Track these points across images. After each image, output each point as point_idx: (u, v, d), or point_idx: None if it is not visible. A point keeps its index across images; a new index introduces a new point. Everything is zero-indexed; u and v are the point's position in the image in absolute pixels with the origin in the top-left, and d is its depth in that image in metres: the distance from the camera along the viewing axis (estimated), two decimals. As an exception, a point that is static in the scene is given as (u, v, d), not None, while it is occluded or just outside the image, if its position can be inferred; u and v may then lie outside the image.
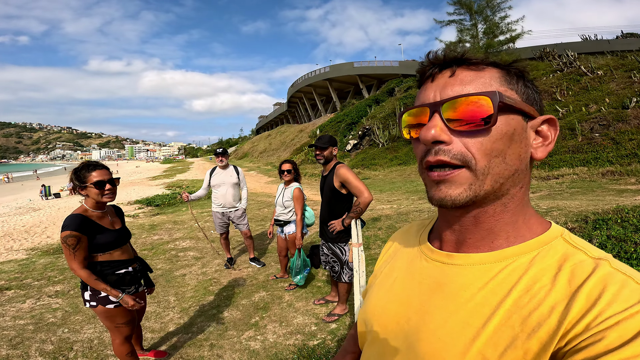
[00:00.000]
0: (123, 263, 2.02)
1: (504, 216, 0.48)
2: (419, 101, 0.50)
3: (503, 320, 0.42)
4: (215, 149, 4.21)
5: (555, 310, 0.39)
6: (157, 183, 19.13)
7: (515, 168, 0.47)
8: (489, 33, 14.66)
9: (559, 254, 0.44)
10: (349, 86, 39.35)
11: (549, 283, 0.42)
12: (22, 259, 5.39)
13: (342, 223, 2.67)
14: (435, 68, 0.50)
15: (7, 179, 35.10)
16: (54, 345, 2.67)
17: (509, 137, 0.46)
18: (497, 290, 0.44)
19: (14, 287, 4.06)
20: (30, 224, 8.56)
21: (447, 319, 0.46)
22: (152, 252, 5.27)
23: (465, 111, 0.45)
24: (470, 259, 0.49)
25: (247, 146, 47.51)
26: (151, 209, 9.80)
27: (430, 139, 0.45)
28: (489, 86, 0.46)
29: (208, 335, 2.77)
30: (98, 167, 1.93)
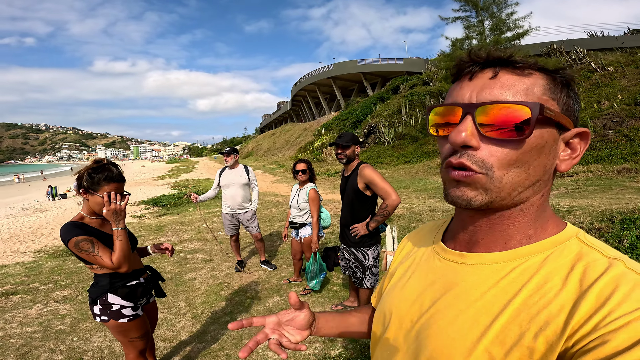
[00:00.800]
0: (134, 274, 1.88)
1: (520, 220, 0.48)
2: (452, 98, 0.49)
3: (511, 318, 0.42)
4: (224, 147, 4.07)
5: (563, 310, 0.39)
6: (162, 183, 19.10)
7: (538, 178, 0.46)
8: (496, 29, 14.47)
9: (573, 253, 0.44)
10: (353, 84, 39.27)
11: (560, 282, 0.41)
12: (29, 261, 5.32)
13: (367, 227, 2.53)
14: (476, 66, 0.47)
15: (18, 179, 35.51)
16: (63, 355, 2.58)
17: (538, 149, 0.45)
18: (508, 289, 0.44)
19: (21, 291, 3.99)
20: (37, 225, 8.54)
21: (456, 317, 0.46)
22: (160, 254, 5.17)
23: (500, 118, 0.43)
24: (483, 258, 0.49)
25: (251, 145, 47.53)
26: (157, 209, 9.73)
27: (460, 142, 0.44)
28: (531, 94, 0.44)
29: (223, 345, 2.65)
30: (116, 179, 1.73)
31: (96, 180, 1.69)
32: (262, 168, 25.16)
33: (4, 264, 5.29)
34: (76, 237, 1.63)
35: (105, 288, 1.77)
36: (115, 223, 1.69)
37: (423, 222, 5.71)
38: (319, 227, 3.37)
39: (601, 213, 4.04)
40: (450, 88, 0.51)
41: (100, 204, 1.69)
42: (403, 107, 19.39)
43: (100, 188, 1.69)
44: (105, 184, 1.69)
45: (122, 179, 1.78)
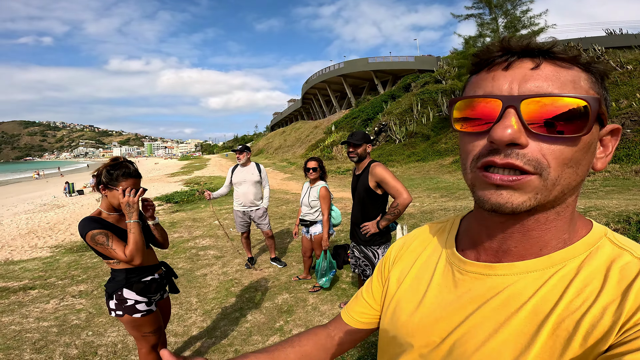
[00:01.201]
0: (149, 269, 1.93)
1: (556, 224, 0.45)
2: (483, 90, 0.43)
3: (556, 324, 0.41)
4: (235, 145, 4.12)
5: (607, 311, 0.39)
6: (175, 180, 19.40)
7: (582, 178, 0.44)
8: (511, 27, 14.18)
9: (606, 255, 0.43)
10: (363, 82, 39.13)
11: (599, 285, 0.41)
12: (46, 256, 5.48)
13: (377, 225, 2.53)
14: (512, 55, 0.43)
15: (38, 175, 36.61)
16: (78, 350, 2.64)
17: (588, 147, 0.42)
18: (549, 297, 0.43)
19: (38, 286, 4.11)
20: (55, 221, 8.76)
21: (497, 330, 0.44)
22: (172, 250, 5.27)
23: (551, 112, 0.39)
24: (516, 268, 0.46)
25: (262, 143, 47.82)
26: (170, 205, 9.88)
27: (507, 139, 0.39)
28: (579, 87, 0.41)
29: (232, 341, 2.69)
30: (133, 175, 1.79)
31: (114, 176, 1.75)
32: (272, 166, 25.30)
33: (22, 258, 5.46)
34: (92, 231, 1.68)
35: (121, 283, 1.82)
36: (129, 216, 1.74)
37: (434, 221, 5.67)
38: (330, 225, 3.38)
39: (617, 214, 3.95)
40: (475, 78, 0.46)
41: (116, 200, 1.75)
42: (414, 105, 19.21)
43: (118, 184, 1.75)
44: (123, 180, 1.76)
45: (138, 175, 1.84)
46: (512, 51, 0.43)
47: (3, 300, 3.73)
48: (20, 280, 4.35)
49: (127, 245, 1.72)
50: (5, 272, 4.74)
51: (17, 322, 3.16)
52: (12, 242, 6.64)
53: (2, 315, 3.31)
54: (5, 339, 2.83)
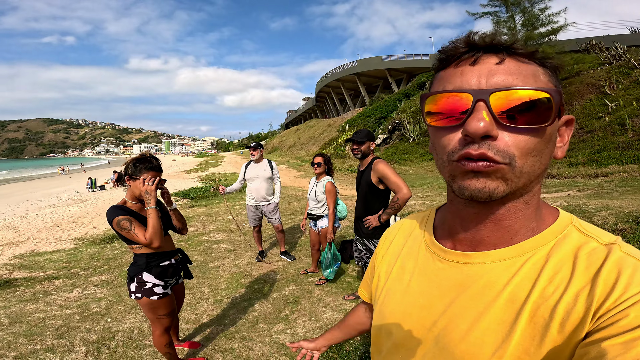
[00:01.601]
0: (166, 255, 2.11)
1: (525, 212, 0.47)
2: (453, 85, 0.45)
3: (532, 311, 0.42)
4: (250, 142, 4.30)
5: (579, 298, 0.40)
6: (191, 176, 19.87)
7: (545, 167, 0.46)
8: (528, 25, 13.86)
9: (573, 242, 0.45)
10: (377, 80, 38.88)
11: (569, 272, 0.43)
12: (70, 248, 5.79)
13: (379, 219, 2.64)
14: (478, 51, 0.45)
15: (62, 171, 38.11)
16: (97, 335, 2.81)
17: (549, 137, 0.44)
18: (523, 285, 0.44)
19: (62, 276, 4.36)
20: (78, 215, 9.13)
21: (478, 319, 0.46)
22: (187, 243, 5.49)
23: (516, 105, 0.41)
24: (490, 256, 0.48)
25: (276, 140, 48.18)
26: (187, 201, 10.18)
27: (482, 132, 0.41)
28: (539, 81, 0.44)
29: (240, 328, 2.84)
30: (155, 169, 2.02)
31: (138, 168, 1.98)
32: (286, 163, 25.53)
33: (47, 250, 5.77)
34: (118, 217, 1.89)
35: (142, 267, 2.01)
36: (147, 203, 1.95)
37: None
38: (335, 219, 3.52)
39: (628, 214, 3.91)
40: (443, 74, 0.48)
41: (139, 189, 1.98)
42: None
43: (141, 175, 1.97)
44: (145, 172, 1.98)
45: (159, 169, 2.06)
46: (477, 47, 0.45)
47: (29, 289, 3.96)
48: (45, 270, 4.62)
49: (147, 230, 1.91)
50: (30, 263, 5.03)
51: (42, 310, 3.36)
52: (37, 234, 6.98)
53: (27, 303, 3.53)
54: (29, 325, 3.02)
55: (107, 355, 2.52)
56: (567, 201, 5.96)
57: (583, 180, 7.94)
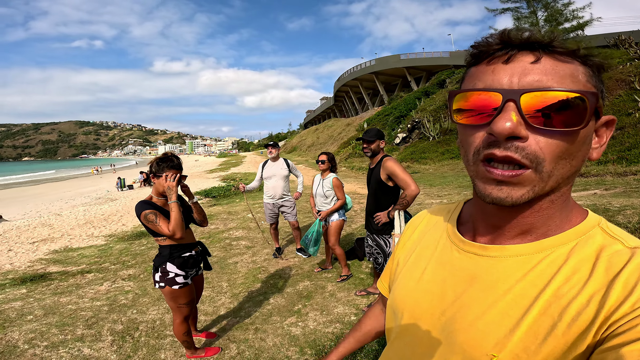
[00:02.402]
0: (187, 246, 2.28)
1: (549, 211, 0.46)
2: (483, 83, 0.44)
3: (542, 310, 0.42)
4: (268, 142, 4.49)
5: (593, 299, 0.39)
6: (213, 176, 20.42)
7: (577, 169, 0.44)
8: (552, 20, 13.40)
9: (597, 244, 0.44)
10: (396, 79, 38.47)
11: (587, 273, 0.41)
12: (101, 244, 6.14)
13: (388, 215, 2.73)
14: (512, 49, 0.43)
15: (97, 171, 40.12)
16: (123, 326, 2.99)
17: (584, 139, 0.42)
18: (537, 282, 0.44)
19: (94, 270, 4.65)
20: (108, 213, 9.60)
21: (485, 311, 0.46)
22: (209, 240, 5.71)
23: (549, 106, 0.39)
24: (507, 250, 0.48)
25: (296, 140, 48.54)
26: (209, 200, 10.52)
27: (507, 132, 0.40)
28: (577, 81, 0.41)
29: (254, 320, 2.98)
30: (175, 167, 2.20)
31: (161, 167, 2.17)
32: (305, 163, 25.72)
33: (80, 246, 6.15)
34: (145, 211, 2.08)
35: (165, 257, 2.18)
36: (169, 197, 2.12)
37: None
38: (342, 211, 3.70)
39: (652, 213, 3.78)
40: (474, 70, 0.46)
41: (162, 186, 2.17)
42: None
43: (163, 172, 2.16)
44: (167, 170, 2.16)
45: (179, 167, 2.24)
46: (511, 44, 0.43)
47: (63, 282, 4.24)
48: (78, 265, 4.93)
49: (170, 222, 2.09)
50: (65, 258, 5.37)
51: (74, 302, 3.59)
52: (71, 231, 7.42)
53: (61, 295, 3.77)
54: (62, 316, 3.21)
55: (130, 344, 2.71)
56: (592, 200, 5.77)
57: (611, 179, 7.63)
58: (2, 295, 3.88)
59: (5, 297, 3.81)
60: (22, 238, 6.90)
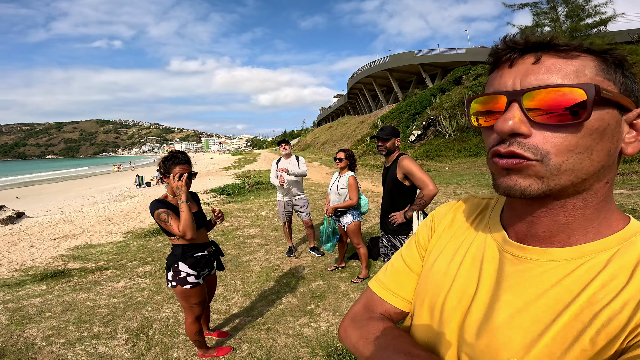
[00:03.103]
0: (200, 246, 2.27)
1: (584, 211, 0.45)
2: (493, 88, 0.47)
3: (574, 315, 0.41)
4: (279, 140, 4.49)
5: (627, 306, 0.39)
6: (228, 173, 20.65)
7: (603, 164, 0.43)
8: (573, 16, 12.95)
9: (638, 251, 0.43)
10: (410, 76, 38.02)
11: (625, 279, 0.41)
12: (120, 241, 6.27)
13: (404, 215, 2.64)
14: (515, 52, 0.45)
15: (118, 168, 41.29)
16: (137, 323, 3.02)
17: (600, 132, 0.42)
18: (572, 288, 0.43)
19: (112, 267, 4.73)
20: (127, 210, 9.81)
21: (514, 314, 0.45)
22: (223, 237, 5.76)
23: (549, 102, 0.41)
24: (547, 254, 0.47)
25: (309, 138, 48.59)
26: (223, 197, 10.63)
27: (507, 130, 0.42)
28: (582, 75, 0.42)
29: (266, 319, 2.97)
30: (182, 162, 2.18)
31: (168, 166, 2.16)
32: (318, 160, 25.71)
33: (99, 242, 6.29)
34: (158, 210, 2.08)
35: (178, 257, 2.18)
36: (178, 197, 2.11)
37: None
38: (358, 213, 3.65)
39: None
40: (490, 78, 0.50)
41: (174, 185, 2.14)
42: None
43: (172, 171, 2.14)
44: (174, 167, 2.15)
45: (187, 162, 2.21)
46: (515, 48, 0.45)
47: (81, 279, 4.31)
48: (97, 261, 5.03)
49: (180, 222, 2.08)
50: (84, 254, 5.51)
51: (92, 299, 3.63)
52: (91, 227, 7.62)
53: (79, 292, 3.83)
54: (79, 313, 3.26)
55: (144, 342, 2.73)
56: (617, 200, 5.52)
57: (637, 178, 7.31)
58: (22, 291, 3.98)
59: (26, 293, 3.92)
60: (44, 234, 7.12)
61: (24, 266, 5.06)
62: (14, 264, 5.18)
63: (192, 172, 2.22)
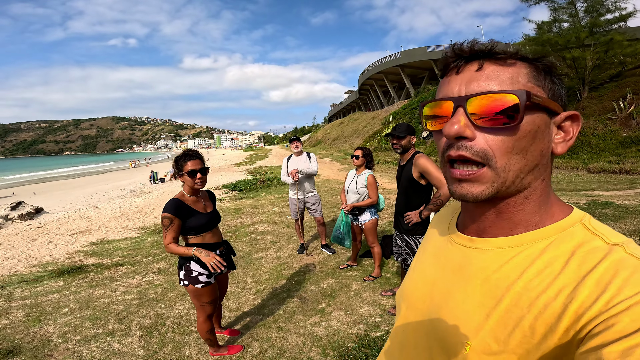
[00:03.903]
0: (212, 246, 2.28)
1: (525, 207, 0.49)
2: (442, 93, 0.50)
3: (513, 301, 0.44)
4: (290, 137, 4.44)
5: (561, 294, 0.40)
6: (240, 169, 20.79)
7: (536, 163, 0.47)
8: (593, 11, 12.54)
9: (576, 240, 0.45)
10: (423, 72, 37.47)
11: (560, 267, 0.43)
12: (135, 237, 6.37)
13: (420, 215, 2.59)
14: (461, 60, 0.49)
15: (134, 164, 42.17)
16: (151, 320, 3.06)
17: (532, 134, 0.46)
18: (510, 274, 0.46)
19: (127, 263, 4.80)
20: (142, 206, 9.95)
21: (464, 299, 0.49)
22: (235, 234, 5.79)
23: (490, 108, 0.45)
24: (490, 243, 0.51)
25: (320, 134, 48.45)
26: (235, 193, 10.70)
27: (454, 134, 0.46)
28: (516, 83, 0.46)
29: (277, 318, 2.96)
30: (193, 157, 2.19)
31: (180, 163, 2.18)
32: (329, 157, 25.63)
33: (115, 238, 6.40)
34: (166, 213, 2.10)
35: (190, 256, 2.18)
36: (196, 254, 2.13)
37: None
38: (374, 210, 3.61)
39: None
40: (440, 83, 0.53)
41: (188, 182, 2.17)
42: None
43: (184, 168, 2.16)
44: (185, 164, 2.17)
45: (198, 157, 2.23)
46: (462, 56, 0.49)
47: (98, 275, 4.39)
48: (113, 257, 5.12)
49: (172, 242, 2.11)
50: (101, 250, 5.61)
51: (107, 295, 3.67)
52: (107, 223, 7.76)
53: (95, 288, 3.90)
54: (95, 310, 3.31)
55: (157, 339, 2.76)
56: (639, 200, 5.32)
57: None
58: (40, 287, 4.08)
59: (43, 289, 4.01)
60: (62, 230, 7.29)
61: (42, 262, 5.19)
62: (32, 260, 5.31)
63: (205, 167, 2.22)
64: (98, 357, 2.56)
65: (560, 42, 12.80)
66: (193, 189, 2.22)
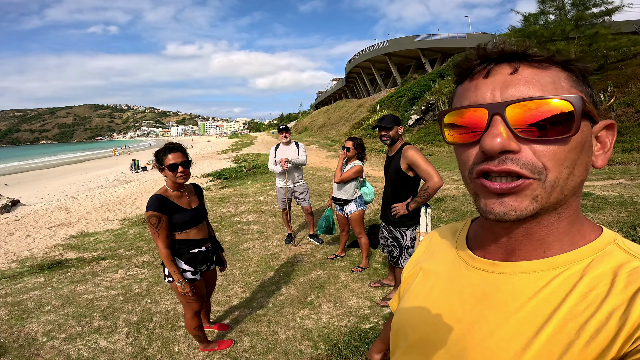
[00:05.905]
0: (197, 242, 2.21)
1: (558, 226, 0.45)
2: (469, 100, 0.44)
3: (558, 328, 0.40)
4: (278, 125, 4.33)
5: (613, 316, 0.38)
6: (225, 157, 20.46)
7: (582, 179, 0.43)
8: (579, 5, 12.72)
9: (614, 260, 0.42)
10: (410, 60, 37.74)
11: (606, 289, 0.40)
12: (116, 229, 6.20)
13: (407, 207, 2.58)
14: (490, 63, 0.43)
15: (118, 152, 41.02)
16: (137, 317, 2.99)
17: (581, 146, 0.41)
18: (550, 299, 0.42)
19: (109, 257, 4.66)
20: (123, 196, 9.67)
21: (495, 329, 0.44)
22: (221, 224, 5.71)
23: (534, 115, 0.39)
24: (519, 267, 0.46)
25: (307, 121, 48.12)
26: (220, 181, 10.53)
27: (498, 148, 0.39)
28: (559, 87, 0.41)
29: (267, 311, 2.95)
30: (174, 150, 2.09)
31: (161, 157, 2.08)
32: (316, 143, 25.52)
33: (96, 230, 6.20)
34: (152, 212, 2.01)
35: (174, 253, 2.12)
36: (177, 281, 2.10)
37: (475, 204, 5.49)
38: (361, 201, 3.64)
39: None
40: (460, 89, 0.47)
41: (170, 176, 2.08)
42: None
43: (165, 161, 2.07)
44: (165, 157, 2.07)
45: (180, 149, 2.13)
46: (489, 58, 0.44)
47: (79, 270, 4.23)
48: (94, 251, 4.96)
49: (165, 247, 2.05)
50: (81, 243, 5.43)
51: (90, 291, 3.56)
52: (87, 215, 7.51)
53: (77, 284, 3.77)
54: (79, 307, 3.21)
55: (145, 336, 2.71)
56: (618, 190, 5.50)
57: (636, 168, 7.30)
58: (20, 284, 3.93)
59: (24, 286, 3.86)
60: (40, 223, 7.02)
61: (20, 257, 5.00)
62: (10, 255, 5.11)
63: (187, 160, 2.13)
64: (86, 356, 2.49)
65: (546, 35, 12.94)
66: (176, 183, 2.13)
